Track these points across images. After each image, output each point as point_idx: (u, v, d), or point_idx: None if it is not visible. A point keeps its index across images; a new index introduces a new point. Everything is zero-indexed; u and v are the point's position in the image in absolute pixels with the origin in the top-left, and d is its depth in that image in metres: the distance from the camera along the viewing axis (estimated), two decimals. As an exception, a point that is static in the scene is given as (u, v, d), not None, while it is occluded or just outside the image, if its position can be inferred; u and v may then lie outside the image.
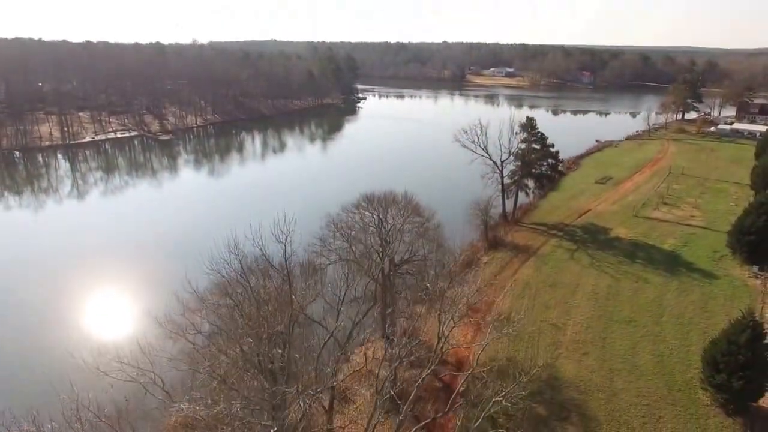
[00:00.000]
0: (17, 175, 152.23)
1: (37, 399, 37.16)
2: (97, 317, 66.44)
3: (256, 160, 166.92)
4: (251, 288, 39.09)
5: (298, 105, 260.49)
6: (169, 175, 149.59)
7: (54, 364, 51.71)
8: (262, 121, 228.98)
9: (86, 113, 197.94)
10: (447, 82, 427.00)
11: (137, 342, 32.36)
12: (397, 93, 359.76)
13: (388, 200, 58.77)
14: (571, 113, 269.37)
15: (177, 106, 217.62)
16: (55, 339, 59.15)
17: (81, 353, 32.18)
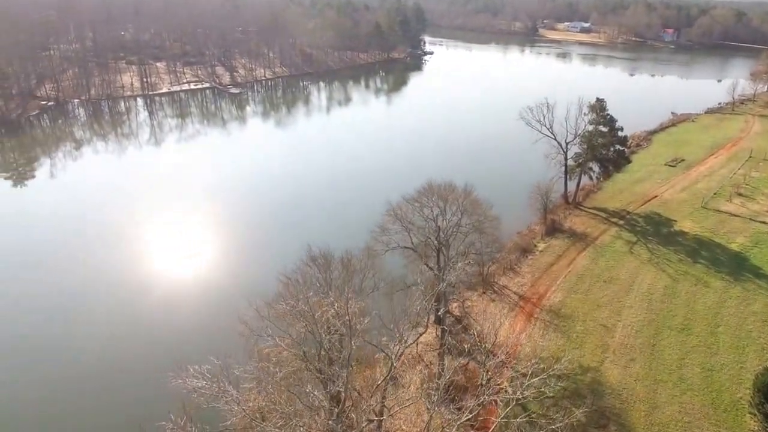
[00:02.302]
0: (104, 122, 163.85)
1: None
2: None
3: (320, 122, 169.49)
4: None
5: (365, 59, 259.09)
6: (238, 130, 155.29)
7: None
8: (329, 74, 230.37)
9: (162, 63, 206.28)
10: (517, 35, 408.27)
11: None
12: (465, 46, 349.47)
13: (446, 192, 60.14)
14: (648, 76, 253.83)
15: (246, 57, 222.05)
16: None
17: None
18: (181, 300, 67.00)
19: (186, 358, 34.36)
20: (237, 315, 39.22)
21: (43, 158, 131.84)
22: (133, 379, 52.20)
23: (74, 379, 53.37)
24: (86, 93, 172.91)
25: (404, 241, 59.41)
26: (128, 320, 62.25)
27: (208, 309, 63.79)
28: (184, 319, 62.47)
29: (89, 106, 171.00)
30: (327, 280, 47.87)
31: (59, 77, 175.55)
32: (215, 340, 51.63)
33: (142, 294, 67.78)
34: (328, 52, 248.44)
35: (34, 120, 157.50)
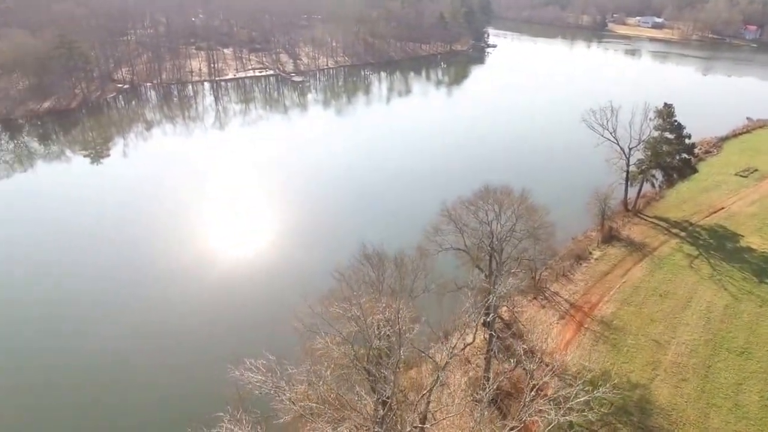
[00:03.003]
0: (173, 105, 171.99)
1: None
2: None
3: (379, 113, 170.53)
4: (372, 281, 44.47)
5: (427, 50, 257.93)
6: (299, 118, 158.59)
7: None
8: (390, 65, 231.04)
9: (230, 50, 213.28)
10: (585, 29, 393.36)
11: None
12: (530, 40, 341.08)
13: (502, 196, 60.19)
14: (723, 77, 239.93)
15: (310, 45, 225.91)
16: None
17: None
18: (237, 289, 69.31)
19: (242, 351, 36.64)
20: (291, 310, 41.30)
21: (117, 138, 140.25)
22: (190, 368, 54.34)
23: (131, 366, 55.95)
24: (158, 77, 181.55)
25: (457, 243, 60.01)
26: (184, 308, 65.02)
27: (263, 301, 65.70)
28: (239, 310, 64.45)
29: (160, 90, 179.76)
30: (380, 278, 49.44)
31: (134, 62, 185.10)
32: (270, 333, 53.61)
33: (200, 280, 71.07)
34: (390, 43, 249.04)
35: (111, 101, 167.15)
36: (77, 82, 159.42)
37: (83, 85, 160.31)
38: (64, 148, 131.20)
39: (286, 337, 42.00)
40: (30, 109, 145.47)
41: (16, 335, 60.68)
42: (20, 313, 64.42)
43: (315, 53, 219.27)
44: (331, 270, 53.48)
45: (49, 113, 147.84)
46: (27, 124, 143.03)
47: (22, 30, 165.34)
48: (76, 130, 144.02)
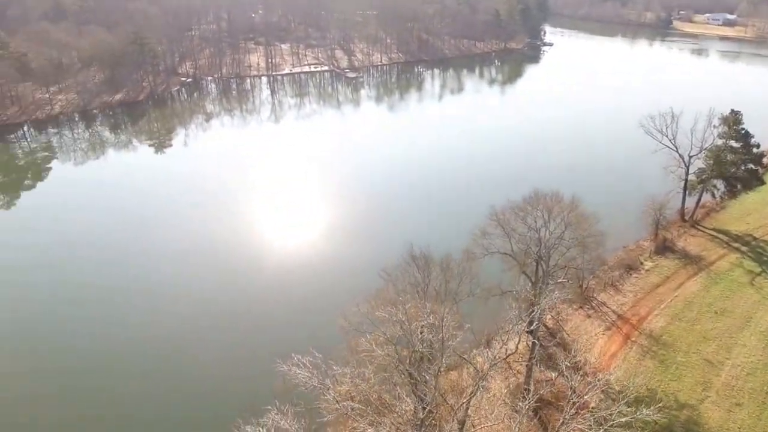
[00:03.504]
0: (232, 98, 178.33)
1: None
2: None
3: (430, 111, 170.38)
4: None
5: (481, 48, 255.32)
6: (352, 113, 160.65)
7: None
8: (444, 63, 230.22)
9: (287, 45, 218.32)
10: (648, 27, 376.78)
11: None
12: (588, 38, 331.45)
13: (552, 203, 59.70)
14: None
15: (365, 42, 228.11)
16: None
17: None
18: (288, 283, 71.23)
19: (290, 345, 38.30)
20: (339, 308, 42.78)
21: (179, 128, 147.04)
22: (241, 359, 56.18)
23: (186, 355, 58.09)
24: (218, 71, 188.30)
25: (504, 248, 59.98)
26: (237, 299, 67.44)
27: (312, 297, 67.03)
28: (289, 304, 66.22)
29: (220, 83, 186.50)
30: (425, 281, 50.35)
31: (197, 56, 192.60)
32: (317, 329, 54.77)
33: (252, 271, 73.80)
34: (444, 40, 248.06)
35: (174, 94, 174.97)
36: (145, 76, 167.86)
37: (150, 79, 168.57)
38: (131, 137, 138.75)
39: (332, 334, 43.43)
40: (104, 101, 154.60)
41: (81, 321, 64.16)
42: (83, 298, 68.28)
43: (369, 49, 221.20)
44: (378, 269, 54.81)
45: (120, 105, 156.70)
46: (100, 114, 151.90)
47: (101, 27, 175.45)
48: (143, 121, 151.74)
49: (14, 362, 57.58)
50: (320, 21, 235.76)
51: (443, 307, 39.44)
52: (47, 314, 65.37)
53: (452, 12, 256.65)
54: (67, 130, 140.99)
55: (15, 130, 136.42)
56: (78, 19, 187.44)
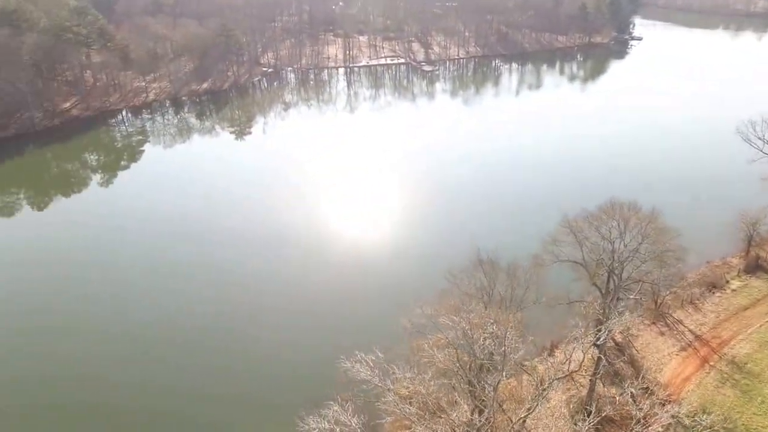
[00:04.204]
0: (309, 89, 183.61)
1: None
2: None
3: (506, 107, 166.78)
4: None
5: (563, 42, 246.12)
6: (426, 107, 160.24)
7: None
8: (522, 57, 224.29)
9: (365, 37, 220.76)
10: (758, 18, 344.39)
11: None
12: (684, 31, 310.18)
13: (629, 213, 57.50)
14: None
15: (442, 35, 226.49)
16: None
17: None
18: (354, 276, 72.63)
19: (353, 340, 39.41)
20: (403, 307, 43.62)
21: (259, 116, 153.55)
22: (305, 351, 57.78)
23: (249, 341, 60.10)
24: (298, 62, 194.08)
25: (574, 256, 58.55)
26: (304, 290, 69.64)
27: (377, 293, 67.96)
28: (354, 298, 67.45)
29: (299, 74, 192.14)
30: (491, 285, 50.24)
31: (279, 47, 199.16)
32: (380, 326, 55.26)
33: (320, 261, 75.80)
34: (524, 33, 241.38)
35: (256, 83, 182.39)
36: (230, 66, 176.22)
37: (235, 69, 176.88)
38: (214, 123, 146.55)
39: (394, 332, 44.29)
40: (192, 89, 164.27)
41: (156, 301, 68.56)
42: (158, 284, 72.71)
43: (446, 42, 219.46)
44: (443, 269, 55.22)
45: (206, 93, 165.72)
46: (188, 101, 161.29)
47: (193, 20, 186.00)
48: (226, 109, 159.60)
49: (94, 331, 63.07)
50: (399, 13, 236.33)
51: (507, 315, 39.50)
52: (127, 284, 71.50)
53: (535, 4, 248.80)
54: (158, 116, 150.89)
55: (115, 115, 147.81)
56: (173, 12, 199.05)
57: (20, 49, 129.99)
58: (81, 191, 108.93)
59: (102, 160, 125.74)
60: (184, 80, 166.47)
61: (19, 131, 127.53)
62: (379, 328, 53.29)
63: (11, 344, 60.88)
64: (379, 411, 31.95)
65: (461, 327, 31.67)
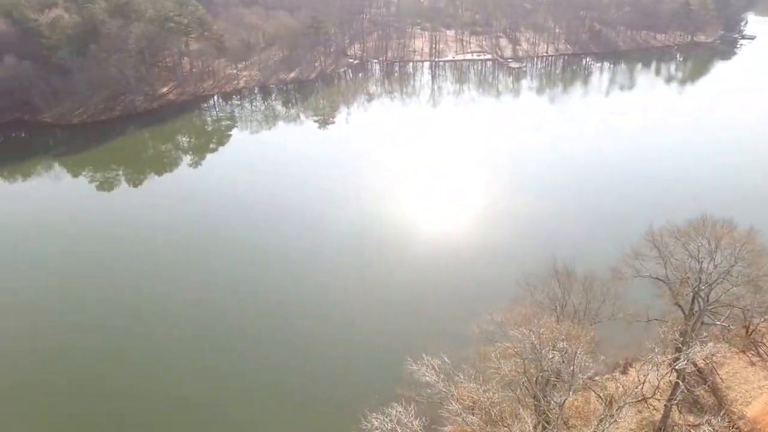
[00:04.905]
0: (393, 81, 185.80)
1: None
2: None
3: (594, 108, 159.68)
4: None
5: (661, 41, 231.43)
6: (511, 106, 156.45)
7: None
8: (615, 56, 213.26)
9: (452, 31, 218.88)
10: None
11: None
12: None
13: (722, 231, 53.81)
14: None
15: (531, 31, 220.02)
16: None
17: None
18: (425, 274, 72.30)
19: (420, 341, 39.57)
20: (472, 311, 43.45)
21: (342, 106, 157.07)
22: (372, 349, 58.43)
23: (319, 335, 60.90)
24: (384, 54, 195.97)
25: (657, 272, 55.70)
26: (376, 285, 70.34)
27: (448, 293, 67.56)
28: (425, 297, 67.13)
29: (384, 66, 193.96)
30: (565, 296, 48.94)
31: (365, 39, 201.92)
32: (448, 328, 54.91)
33: (392, 258, 76.30)
34: (619, 31, 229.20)
35: (341, 74, 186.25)
36: (318, 56, 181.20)
37: (322, 59, 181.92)
38: (299, 111, 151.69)
39: (462, 335, 44.01)
40: (280, 78, 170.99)
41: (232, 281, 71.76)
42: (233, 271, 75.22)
43: (535, 39, 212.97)
44: (517, 273, 54.32)
45: (293, 81, 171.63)
46: (276, 89, 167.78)
47: (284, 11, 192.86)
48: (311, 98, 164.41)
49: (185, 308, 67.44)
50: (488, 7, 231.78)
51: (579, 329, 38.43)
52: (201, 267, 75.38)
53: (632, 0, 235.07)
54: (247, 102, 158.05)
55: (207, 100, 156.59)
56: (266, 3, 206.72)
57: (128, 38, 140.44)
58: (172, 171, 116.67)
59: (193, 142, 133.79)
60: (273, 69, 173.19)
61: (122, 113, 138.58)
62: (447, 331, 52.96)
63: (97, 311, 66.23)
64: (441, 417, 32.25)
65: (530, 340, 31.26)
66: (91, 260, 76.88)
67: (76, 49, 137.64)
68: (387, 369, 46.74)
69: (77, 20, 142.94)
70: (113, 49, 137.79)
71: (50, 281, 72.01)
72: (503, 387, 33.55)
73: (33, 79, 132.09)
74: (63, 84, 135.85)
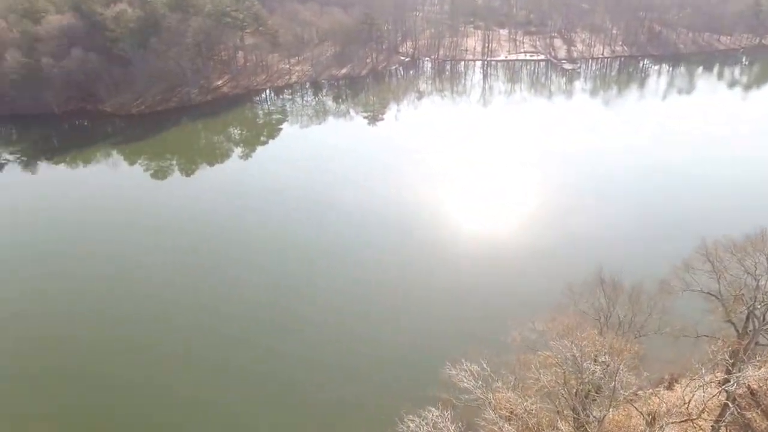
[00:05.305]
0: (444, 79, 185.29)
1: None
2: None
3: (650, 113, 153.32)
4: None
5: (726, 43, 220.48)
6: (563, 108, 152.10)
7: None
8: (675, 59, 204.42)
9: (505, 31, 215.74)
10: None
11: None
12: None
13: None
14: None
15: (587, 32, 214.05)
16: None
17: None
18: (467, 275, 71.96)
19: (459, 346, 39.31)
20: (514, 317, 42.88)
21: (392, 103, 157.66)
22: (411, 350, 58.34)
23: (359, 333, 61.38)
24: (436, 52, 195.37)
25: (709, 287, 53.64)
26: (416, 284, 70.29)
27: (490, 296, 66.92)
28: (467, 299, 66.75)
29: (435, 64, 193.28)
30: (609, 308, 47.77)
31: (418, 37, 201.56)
32: (488, 333, 53.15)
33: (434, 256, 76.35)
34: (680, 32, 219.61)
35: (392, 71, 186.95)
36: (369, 53, 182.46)
37: (374, 56, 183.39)
38: (349, 107, 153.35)
39: (504, 343, 43.12)
40: (331, 74, 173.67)
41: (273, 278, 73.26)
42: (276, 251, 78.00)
43: (591, 40, 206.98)
44: (561, 281, 53.29)
45: (344, 78, 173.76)
46: (327, 85, 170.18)
47: (338, 7, 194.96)
48: (362, 94, 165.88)
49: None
50: (543, 7, 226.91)
51: (623, 343, 37.52)
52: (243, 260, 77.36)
53: (695, 1, 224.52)
54: (298, 97, 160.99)
55: (260, 94, 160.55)
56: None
57: (186, 32, 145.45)
58: (223, 162, 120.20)
59: (244, 134, 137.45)
60: (325, 65, 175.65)
61: (178, 104, 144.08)
62: (486, 336, 51.76)
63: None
64: (477, 424, 32.23)
65: (572, 353, 30.87)
66: (135, 248, 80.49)
67: (138, 41, 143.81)
68: (424, 371, 46.65)
69: (140, 14, 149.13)
70: (172, 42, 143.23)
71: (98, 267, 76.08)
72: (542, 396, 33.22)
73: (97, 71, 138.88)
74: (123, 75, 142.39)
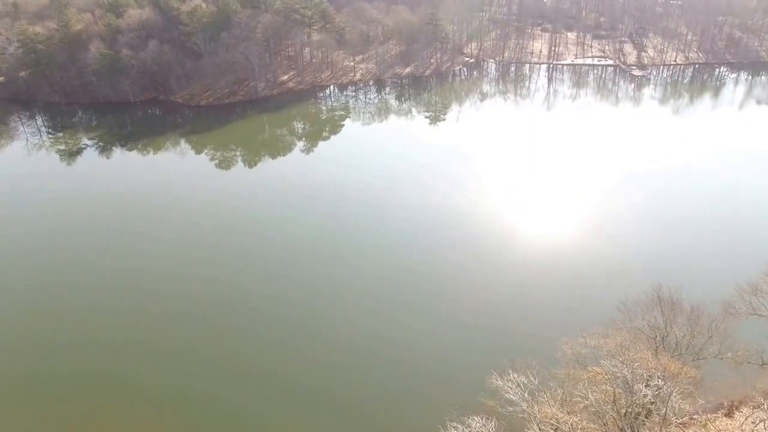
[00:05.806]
0: (508, 82, 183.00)
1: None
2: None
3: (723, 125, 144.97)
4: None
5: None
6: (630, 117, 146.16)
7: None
8: (755, 66, 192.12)
9: (573, 34, 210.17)
10: None
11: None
12: None
13: None
14: None
15: (660, 37, 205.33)
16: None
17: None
18: (520, 284, 71.00)
19: (506, 356, 39.23)
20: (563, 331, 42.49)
21: (454, 104, 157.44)
22: (458, 357, 57.80)
23: (403, 341, 60.83)
24: (500, 54, 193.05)
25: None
26: (465, 292, 69.47)
27: (541, 308, 66.08)
28: (514, 314, 65.60)
29: (500, 66, 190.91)
30: (666, 327, 46.49)
31: (483, 38, 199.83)
32: (538, 345, 52.39)
33: (486, 264, 75.69)
34: (763, 39, 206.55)
35: (456, 72, 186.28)
36: (434, 53, 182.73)
37: (438, 56, 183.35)
38: (411, 107, 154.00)
39: (553, 355, 42.47)
40: (395, 72, 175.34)
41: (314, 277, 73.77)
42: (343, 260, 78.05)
43: (663, 45, 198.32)
44: (616, 296, 52.26)
45: (407, 77, 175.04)
46: (390, 83, 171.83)
47: (405, 6, 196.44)
48: (425, 94, 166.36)
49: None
50: (614, 10, 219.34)
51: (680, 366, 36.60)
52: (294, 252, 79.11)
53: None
54: (361, 94, 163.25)
55: (324, 90, 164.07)
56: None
57: (256, 27, 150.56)
58: (285, 155, 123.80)
59: (307, 129, 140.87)
60: (389, 63, 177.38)
61: (244, 98, 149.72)
62: (535, 347, 50.93)
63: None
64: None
65: (623, 374, 30.53)
66: (192, 236, 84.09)
67: (210, 36, 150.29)
68: (469, 380, 46.47)
69: (213, 9, 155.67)
70: (242, 37, 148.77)
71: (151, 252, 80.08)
72: (589, 415, 32.95)
73: (170, 63, 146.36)
74: (194, 68, 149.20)
